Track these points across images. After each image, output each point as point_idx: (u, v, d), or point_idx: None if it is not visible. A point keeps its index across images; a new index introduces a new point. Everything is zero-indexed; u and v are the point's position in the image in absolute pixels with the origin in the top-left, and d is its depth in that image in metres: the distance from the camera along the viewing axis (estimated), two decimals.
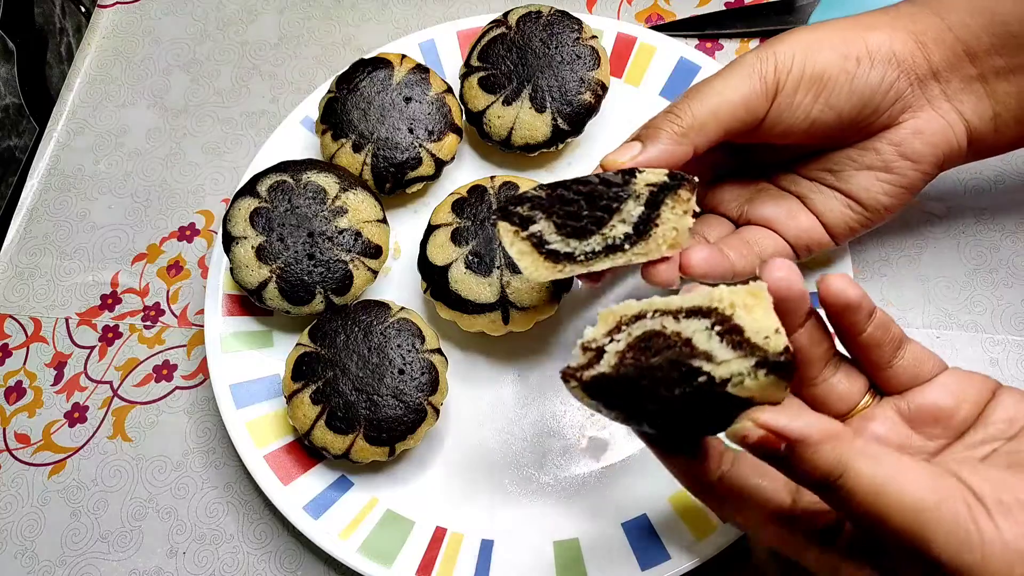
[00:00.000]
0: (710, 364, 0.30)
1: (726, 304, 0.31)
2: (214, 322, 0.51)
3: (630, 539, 0.45)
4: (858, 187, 0.43)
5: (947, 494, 0.28)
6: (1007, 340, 0.50)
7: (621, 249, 0.39)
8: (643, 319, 0.33)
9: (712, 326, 0.31)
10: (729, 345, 0.30)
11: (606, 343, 0.33)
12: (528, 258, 0.39)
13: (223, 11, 0.67)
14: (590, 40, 0.54)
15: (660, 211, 0.38)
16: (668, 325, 0.32)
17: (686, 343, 0.31)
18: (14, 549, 0.50)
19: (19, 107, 0.66)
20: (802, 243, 0.44)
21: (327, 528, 0.46)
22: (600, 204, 0.38)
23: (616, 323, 0.33)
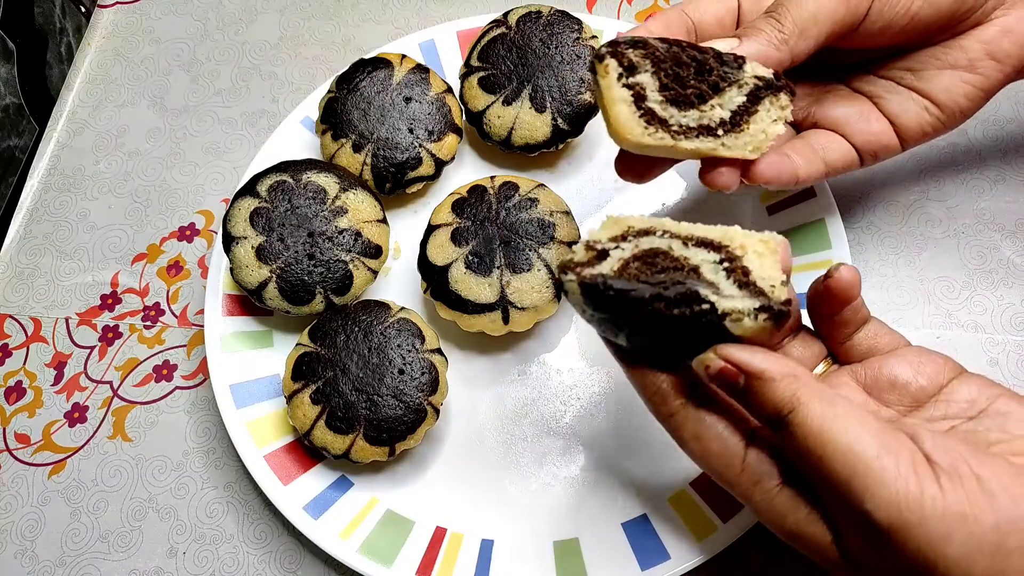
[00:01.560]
0: (715, 296, 0.31)
1: (737, 245, 0.32)
2: (214, 322, 0.51)
3: (630, 539, 0.45)
4: (939, 87, 0.41)
5: (892, 448, 0.28)
6: (1007, 340, 0.50)
7: (714, 134, 0.37)
8: (651, 235, 0.33)
9: (721, 261, 0.32)
10: (735, 284, 0.32)
11: (611, 247, 0.33)
12: (623, 107, 0.36)
13: (223, 11, 0.67)
14: (590, 40, 0.54)
15: (758, 108, 0.37)
16: (676, 248, 0.33)
17: (693, 270, 0.32)
18: (14, 549, 0.50)
19: (19, 107, 0.66)
20: (870, 148, 0.43)
21: (327, 528, 0.46)
22: (709, 78, 0.37)
23: (623, 232, 0.34)
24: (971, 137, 0.55)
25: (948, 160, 0.55)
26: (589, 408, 0.50)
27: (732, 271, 0.32)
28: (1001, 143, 0.55)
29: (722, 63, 0.37)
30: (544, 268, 0.48)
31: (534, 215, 0.49)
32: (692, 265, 0.32)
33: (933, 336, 0.50)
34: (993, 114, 0.55)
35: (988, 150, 0.55)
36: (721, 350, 0.31)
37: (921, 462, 0.28)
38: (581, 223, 0.52)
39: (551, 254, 0.48)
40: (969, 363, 0.49)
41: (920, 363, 0.35)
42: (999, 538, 0.27)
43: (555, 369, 0.51)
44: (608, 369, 0.50)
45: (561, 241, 0.48)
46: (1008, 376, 0.49)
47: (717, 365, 0.31)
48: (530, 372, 0.51)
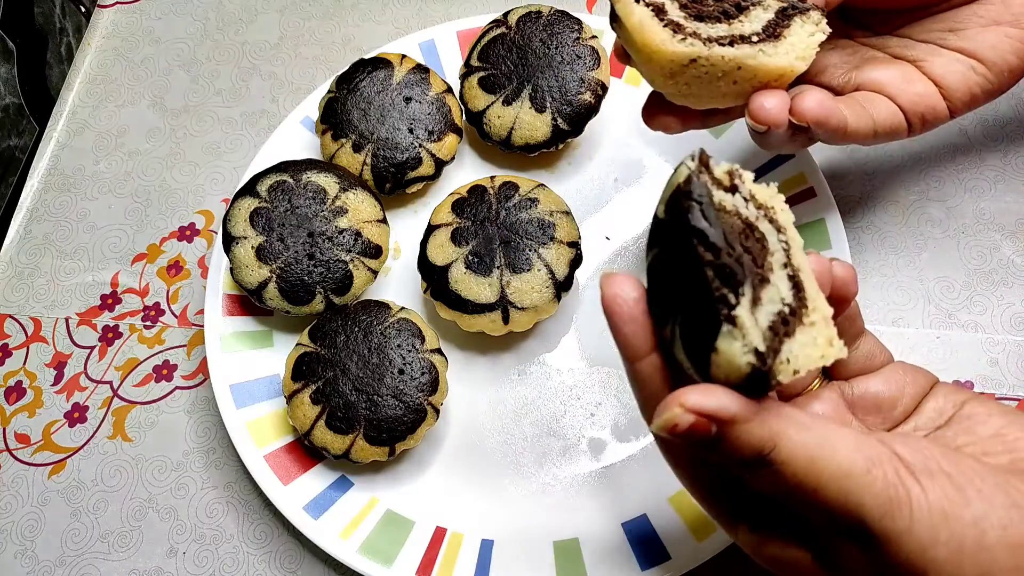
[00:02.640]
0: (744, 306, 0.27)
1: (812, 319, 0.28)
2: (214, 322, 0.51)
3: (630, 539, 0.45)
4: (984, 45, 0.39)
5: (877, 458, 0.28)
6: (1007, 340, 0.50)
7: (749, 42, 0.35)
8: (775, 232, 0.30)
9: (787, 306, 0.28)
10: (771, 326, 0.27)
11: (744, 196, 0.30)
12: (649, 24, 0.34)
13: (223, 11, 0.67)
14: (590, 40, 0.54)
15: (790, 23, 0.36)
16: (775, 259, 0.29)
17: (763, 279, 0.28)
18: (14, 549, 0.50)
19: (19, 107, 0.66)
20: (918, 111, 0.40)
21: (327, 528, 0.46)
22: (730, 0, 0.36)
23: (763, 203, 0.30)
24: (971, 137, 0.55)
25: (948, 160, 0.55)
26: (589, 408, 0.50)
27: (783, 319, 0.28)
28: (1001, 143, 0.55)
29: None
30: (544, 268, 0.48)
31: (534, 215, 0.49)
32: (768, 279, 0.28)
33: (933, 336, 0.50)
34: (993, 114, 0.55)
35: (988, 150, 0.55)
36: (683, 399, 0.27)
37: (899, 465, 0.28)
38: (581, 223, 0.52)
39: (551, 254, 0.48)
40: (969, 363, 0.49)
41: (904, 382, 0.35)
42: (978, 534, 0.27)
43: (555, 369, 0.51)
44: (608, 369, 0.50)
45: (561, 241, 0.48)
46: (1008, 376, 0.49)
47: (687, 420, 0.27)
48: (530, 372, 0.51)
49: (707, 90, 0.37)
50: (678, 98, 0.38)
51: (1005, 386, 0.49)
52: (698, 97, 0.38)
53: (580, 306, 0.52)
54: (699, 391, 0.27)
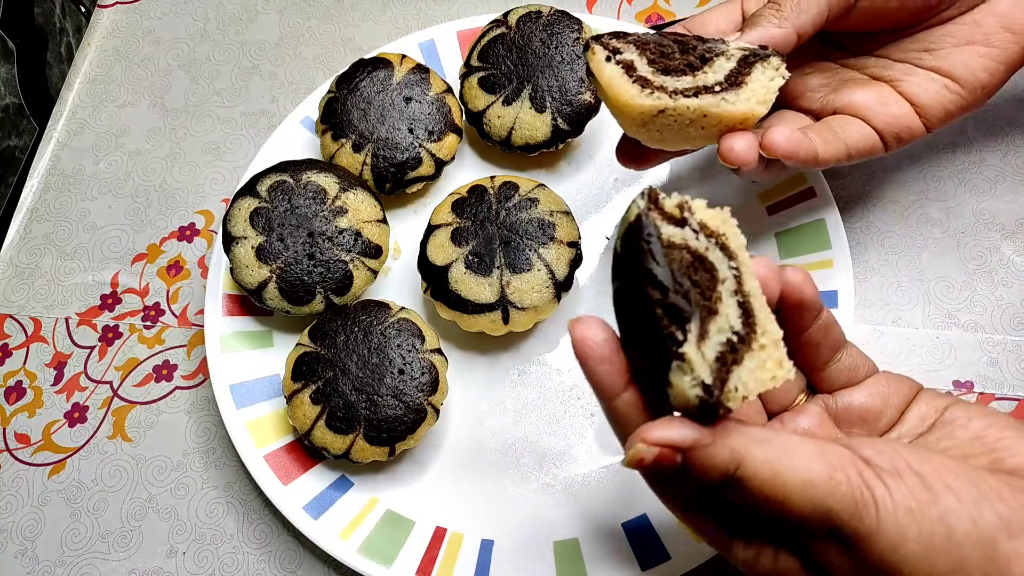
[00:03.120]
0: (691, 342, 0.28)
1: (762, 343, 0.30)
2: (214, 322, 0.51)
3: (630, 539, 0.45)
4: (958, 64, 0.41)
5: (838, 463, 0.28)
6: (1007, 340, 0.50)
7: (712, 91, 0.38)
8: (726, 257, 0.31)
9: (736, 335, 0.29)
10: (718, 357, 0.29)
11: (694, 227, 0.31)
12: (616, 76, 0.37)
13: (223, 11, 0.67)
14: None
15: (751, 70, 0.38)
16: (725, 287, 0.30)
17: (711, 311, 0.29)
18: (14, 549, 0.50)
19: (19, 107, 0.66)
20: (892, 131, 0.42)
21: (327, 528, 0.46)
22: (694, 53, 0.38)
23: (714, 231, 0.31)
24: (971, 137, 0.55)
25: (948, 160, 0.55)
26: (589, 408, 0.50)
27: (732, 347, 0.29)
28: (1001, 143, 0.55)
29: (704, 41, 0.38)
30: (544, 268, 0.48)
31: (534, 215, 0.49)
32: (717, 310, 0.29)
33: (933, 336, 0.50)
34: (993, 114, 0.55)
35: (988, 150, 0.55)
36: (644, 435, 0.28)
37: (864, 467, 0.28)
38: (581, 223, 0.52)
39: (551, 254, 0.48)
40: (969, 363, 0.49)
41: (888, 393, 0.35)
42: (946, 530, 0.27)
43: (555, 369, 0.51)
44: None
45: (561, 241, 0.48)
46: (1008, 376, 0.49)
47: (652, 453, 0.28)
48: (530, 372, 0.51)
49: (677, 135, 0.39)
50: (652, 143, 0.40)
51: (1005, 386, 0.49)
52: (671, 142, 0.40)
53: (580, 306, 0.52)
54: (658, 425, 0.28)
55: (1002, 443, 0.31)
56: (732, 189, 0.53)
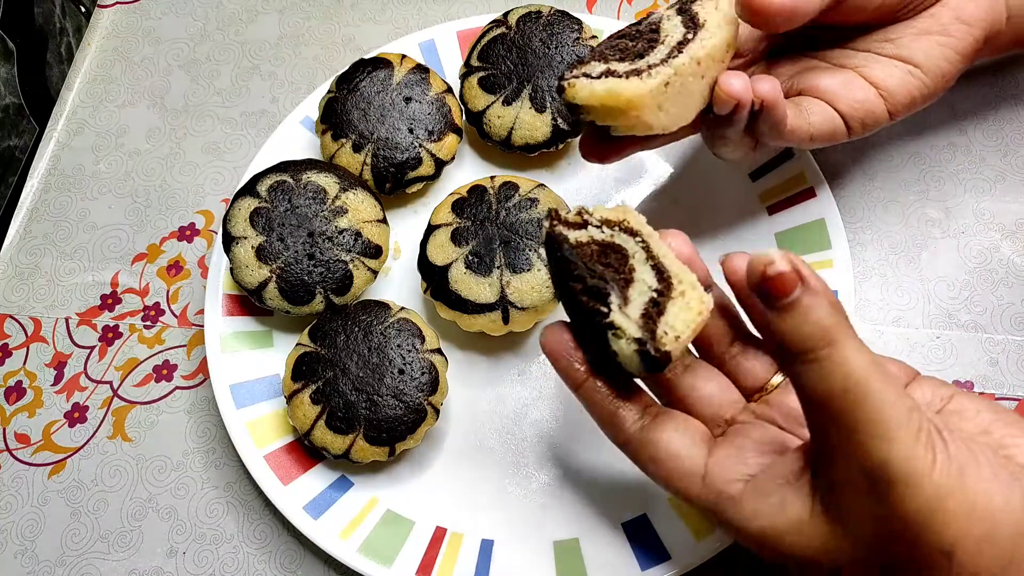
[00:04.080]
0: (616, 307, 0.34)
1: (680, 290, 0.34)
2: (214, 322, 0.51)
3: (630, 539, 0.45)
4: (919, 51, 0.43)
5: (915, 406, 0.29)
6: (1007, 340, 0.50)
7: (686, 42, 0.39)
8: (633, 236, 0.35)
9: (655, 291, 0.34)
10: (643, 312, 0.33)
11: (595, 224, 0.36)
12: (618, 85, 0.38)
13: (223, 11, 0.67)
14: (590, 40, 0.54)
15: (695, 10, 0.40)
16: (637, 258, 0.35)
17: (628, 281, 0.34)
18: (14, 549, 0.50)
19: (19, 107, 0.66)
20: (857, 116, 0.43)
21: (327, 528, 0.46)
22: (642, 35, 0.40)
23: (618, 220, 0.36)
24: (971, 137, 0.55)
25: (948, 160, 0.55)
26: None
27: (654, 303, 0.33)
28: (1001, 143, 0.55)
29: (638, 24, 0.41)
30: (544, 268, 0.48)
31: (534, 215, 0.49)
32: (632, 278, 0.34)
33: (933, 336, 0.50)
34: (993, 114, 0.56)
35: (988, 150, 0.55)
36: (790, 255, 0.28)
37: (936, 418, 0.29)
38: None
39: None
40: (969, 363, 0.49)
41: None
42: (987, 500, 0.28)
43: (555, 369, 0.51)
44: None
45: None
46: (1008, 376, 0.49)
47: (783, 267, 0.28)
48: (530, 372, 0.51)
49: (688, 99, 0.40)
50: (671, 122, 0.40)
51: (1005, 386, 0.49)
52: (685, 107, 0.40)
53: None
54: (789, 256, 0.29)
55: (1009, 439, 0.31)
56: (732, 189, 0.53)
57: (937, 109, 0.56)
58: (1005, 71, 0.57)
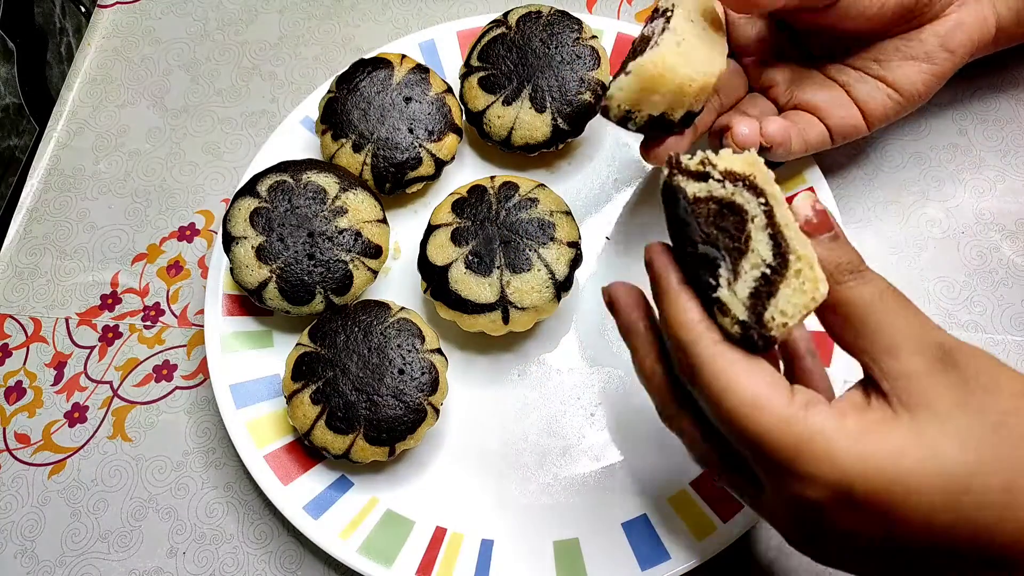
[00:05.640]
0: (725, 281, 0.32)
1: (797, 267, 0.31)
2: (214, 322, 0.51)
3: (630, 539, 0.45)
4: (902, 76, 0.47)
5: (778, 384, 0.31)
6: (1007, 340, 0.50)
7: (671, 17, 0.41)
8: (756, 196, 0.33)
9: (769, 267, 0.32)
10: (753, 291, 0.31)
11: (716, 177, 0.33)
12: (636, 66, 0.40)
13: (223, 11, 0.67)
14: (590, 40, 0.54)
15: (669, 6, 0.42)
16: (756, 224, 0.32)
17: (741, 251, 0.32)
18: (14, 549, 0.50)
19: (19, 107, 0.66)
20: (841, 131, 0.48)
21: (327, 528, 0.46)
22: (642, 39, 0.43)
23: (744, 173, 0.33)
24: (971, 137, 0.55)
25: (948, 160, 0.55)
26: (589, 408, 0.50)
27: (766, 280, 0.31)
28: (1001, 143, 0.55)
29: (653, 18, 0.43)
30: (544, 268, 0.48)
31: (534, 215, 0.49)
32: (748, 248, 0.32)
33: None
34: (993, 114, 0.56)
35: (988, 150, 0.55)
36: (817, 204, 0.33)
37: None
38: (581, 223, 0.52)
39: (551, 254, 0.48)
40: None
41: None
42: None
43: (555, 369, 0.51)
44: (608, 369, 0.50)
45: (561, 241, 0.48)
46: None
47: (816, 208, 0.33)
48: (530, 372, 0.51)
49: (709, 45, 0.42)
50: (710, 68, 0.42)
51: None
52: (711, 53, 0.43)
53: (580, 306, 0.52)
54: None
55: None
56: None
57: (937, 109, 0.56)
58: (1005, 71, 0.57)
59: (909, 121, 0.56)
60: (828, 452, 0.29)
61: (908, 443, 0.29)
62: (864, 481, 0.29)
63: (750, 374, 0.31)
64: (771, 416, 0.30)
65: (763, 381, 0.31)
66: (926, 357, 0.31)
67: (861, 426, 0.30)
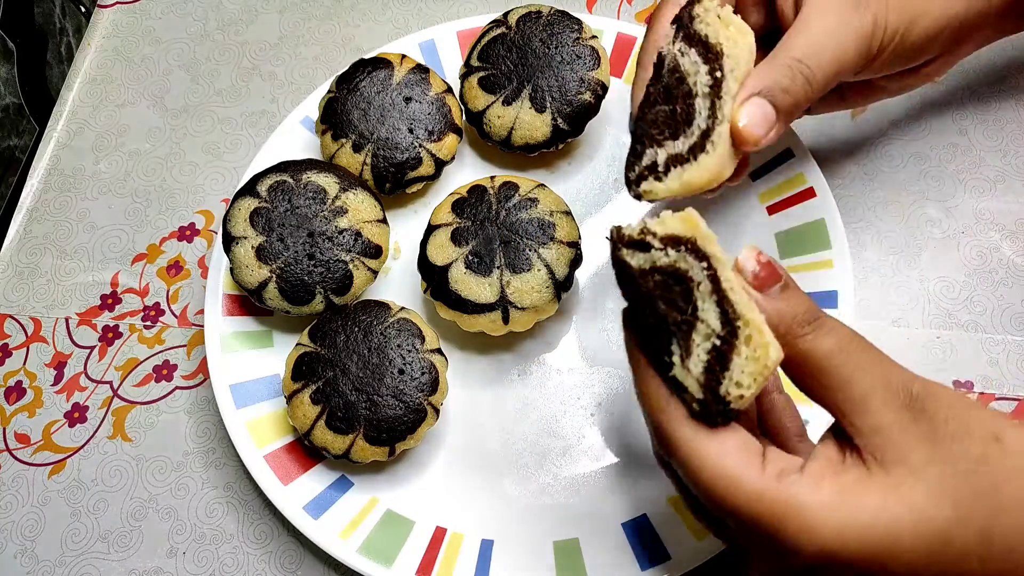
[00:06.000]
0: (678, 359, 0.31)
1: (747, 333, 0.31)
2: (214, 322, 0.51)
3: (630, 539, 0.45)
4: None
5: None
6: (1007, 340, 0.50)
7: (720, 80, 0.37)
8: (698, 260, 0.32)
9: (719, 338, 0.31)
10: (705, 366, 0.31)
11: (657, 247, 0.32)
12: (687, 172, 0.37)
13: (223, 11, 0.67)
14: (590, 40, 0.54)
15: (704, 34, 0.37)
16: (702, 290, 0.31)
17: (690, 323, 0.31)
18: (14, 549, 0.50)
19: (19, 107, 0.66)
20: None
21: (327, 528, 0.46)
22: (674, 93, 0.38)
23: (685, 236, 0.32)
24: (971, 137, 0.55)
25: (948, 160, 0.55)
26: (589, 408, 0.50)
27: (717, 352, 0.31)
28: (1001, 143, 0.55)
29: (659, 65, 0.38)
30: (544, 268, 0.48)
31: (534, 215, 0.49)
32: (696, 319, 0.31)
33: (933, 336, 0.50)
34: (993, 114, 0.56)
35: (988, 150, 0.55)
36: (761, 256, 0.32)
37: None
38: (581, 223, 0.52)
39: (551, 254, 0.48)
40: (969, 363, 0.49)
41: None
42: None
43: (555, 369, 0.51)
44: (608, 369, 0.50)
45: (561, 241, 0.48)
46: (1008, 376, 0.49)
47: (766, 257, 0.32)
48: (530, 372, 0.51)
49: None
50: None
51: (1005, 386, 0.49)
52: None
53: (580, 306, 0.52)
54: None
55: None
56: (732, 189, 0.53)
57: (937, 109, 0.56)
58: (1005, 71, 0.57)
59: (909, 121, 0.56)
60: (807, 526, 0.29)
61: (886, 503, 0.29)
62: (846, 550, 0.29)
63: (721, 451, 0.31)
64: (747, 491, 0.30)
65: (734, 455, 0.31)
66: (895, 407, 0.30)
67: (837, 490, 0.29)
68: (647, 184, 0.37)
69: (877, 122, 0.56)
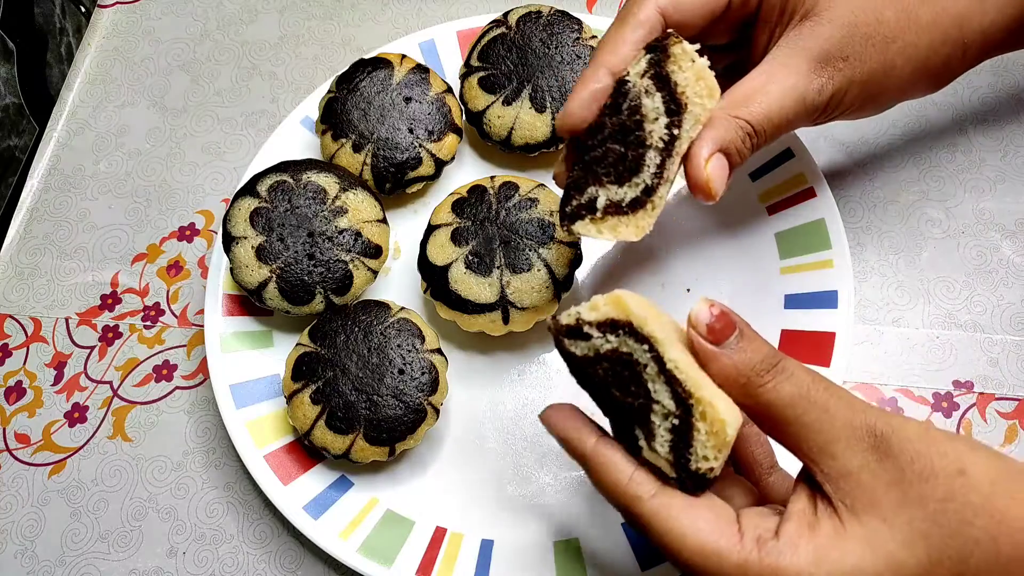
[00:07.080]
0: (643, 442, 0.32)
1: (702, 408, 0.31)
2: (214, 322, 0.51)
3: (630, 539, 0.45)
4: None
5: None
6: (1007, 340, 0.50)
7: (675, 138, 0.37)
8: (638, 343, 0.32)
9: (677, 418, 0.31)
10: (670, 443, 0.32)
11: (595, 335, 0.33)
12: (622, 226, 0.37)
13: (223, 11, 0.67)
14: (590, 40, 0.54)
15: (674, 80, 0.36)
16: (649, 372, 0.32)
17: (647, 405, 0.32)
18: (14, 549, 0.50)
19: (19, 107, 0.66)
20: None
21: (327, 528, 0.46)
22: (628, 129, 0.37)
23: (621, 318, 0.32)
24: (971, 137, 0.55)
25: (948, 160, 0.55)
26: (590, 409, 0.49)
27: (678, 431, 0.32)
28: (1001, 143, 0.55)
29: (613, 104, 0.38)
30: (544, 268, 0.48)
31: (534, 215, 0.49)
32: (652, 401, 0.32)
33: (933, 336, 0.50)
34: (993, 114, 0.56)
35: (988, 150, 0.55)
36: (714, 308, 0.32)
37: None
38: None
39: (551, 254, 0.48)
40: (969, 363, 0.49)
41: None
42: None
43: (555, 369, 0.51)
44: None
45: (561, 241, 0.48)
46: (1008, 376, 0.49)
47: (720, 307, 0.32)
48: (530, 372, 0.51)
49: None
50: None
51: (1005, 386, 0.49)
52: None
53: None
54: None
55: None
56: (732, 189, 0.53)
57: (937, 109, 0.56)
58: (1005, 71, 0.57)
59: (909, 121, 0.56)
60: None
61: (863, 558, 0.30)
62: None
63: (695, 524, 0.31)
64: (726, 564, 0.31)
65: (710, 527, 0.31)
66: (861, 450, 0.31)
67: (814, 550, 0.30)
68: (581, 225, 0.38)
69: (877, 122, 0.56)
